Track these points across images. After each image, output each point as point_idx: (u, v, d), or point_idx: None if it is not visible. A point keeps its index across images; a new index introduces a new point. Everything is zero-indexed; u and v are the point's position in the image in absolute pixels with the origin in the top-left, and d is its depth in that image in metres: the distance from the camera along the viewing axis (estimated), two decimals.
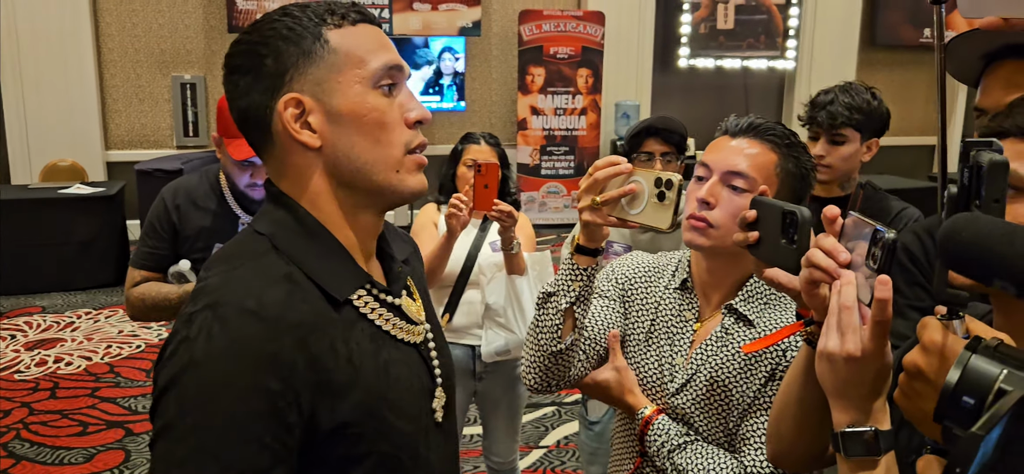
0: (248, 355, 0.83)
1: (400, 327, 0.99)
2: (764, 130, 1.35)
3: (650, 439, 1.37)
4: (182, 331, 0.86)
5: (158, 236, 2.11)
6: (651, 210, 1.23)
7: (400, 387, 0.96)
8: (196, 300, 0.87)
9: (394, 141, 0.95)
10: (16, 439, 3.63)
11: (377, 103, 0.94)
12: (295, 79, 0.92)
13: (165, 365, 0.86)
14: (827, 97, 2.17)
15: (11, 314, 5.34)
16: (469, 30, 7.55)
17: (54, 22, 6.76)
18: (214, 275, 0.90)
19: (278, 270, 0.90)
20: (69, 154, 6.85)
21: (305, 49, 0.92)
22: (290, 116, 0.92)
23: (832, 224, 0.90)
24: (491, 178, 2.25)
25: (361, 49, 0.93)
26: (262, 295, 0.86)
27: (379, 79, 0.94)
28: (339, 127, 0.93)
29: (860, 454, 0.84)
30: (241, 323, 0.84)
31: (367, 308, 0.96)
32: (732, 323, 1.37)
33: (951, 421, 0.70)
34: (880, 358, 0.82)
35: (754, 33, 8.35)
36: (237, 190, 2.11)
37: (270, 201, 0.98)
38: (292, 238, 0.94)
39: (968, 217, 0.73)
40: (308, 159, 0.94)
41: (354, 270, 0.96)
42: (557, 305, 1.32)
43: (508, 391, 2.59)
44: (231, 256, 0.93)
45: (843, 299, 0.83)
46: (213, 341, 0.83)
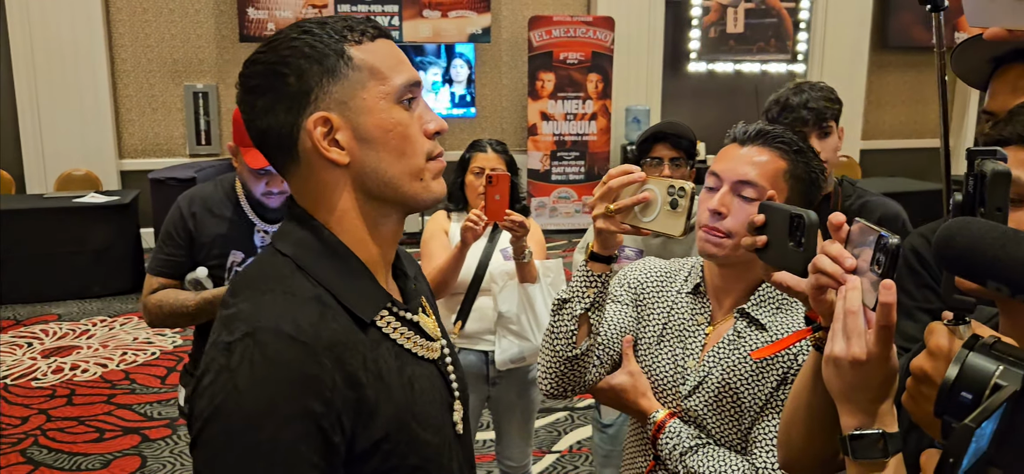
0: (291, 380, 0.84)
1: (420, 344, 1.01)
2: (772, 137, 1.36)
3: (663, 443, 1.38)
4: (220, 359, 0.86)
5: (175, 243, 2.14)
6: (664, 217, 1.25)
7: (424, 401, 0.98)
8: (231, 328, 0.87)
9: (417, 151, 0.97)
10: (34, 445, 3.67)
11: (401, 117, 0.95)
12: (320, 98, 0.92)
13: (204, 395, 0.86)
14: (801, 96, 2.16)
15: (28, 322, 5.39)
16: (479, 36, 7.58)
17: (68, 33, 6.83)
18: (243, 300, 0.90)
19: (306, 292, 0.91)
20: (83, 163, 6.91)
21: (329, 67, 0.92)
22: (319, 135, 0.93)
23: (838, 231, 0.92)
24: (502, 188, 2.26)
25: (383, 65, 0.95)
26: (297, 318, 0.87)
27: (401, 95, 0.95)
28: (366, 143, 0.94)
29: (867, 457, 0.85)
30: (281, 348, 0.85)
31: (389, 328, 0.97)
32: (744, 327, 1.38)
33: (950, 416, 0.72)
34: (885, 362, 0.83)
35: (764, 37, 8.34)
36: (253, 198, 2.13)
37: (292, 220, 0.99)
38: (316, 259, 0.95)
39: (962, 221, 0.76)
40: (335, 176, 0.95)
41: (377, 290, 0.97)
42: (572, 311, 1.34)
43: (521, 396, 2.61)
44: (258, 280, 0.93)
45: (848, 304, 0.84)
46: (255, 368, 0.84)
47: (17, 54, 6.81)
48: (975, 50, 1.40)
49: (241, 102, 0.96)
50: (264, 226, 2.15)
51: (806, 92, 2.18)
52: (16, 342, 5.00)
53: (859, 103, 8.63)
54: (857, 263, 0.88)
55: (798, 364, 1.32)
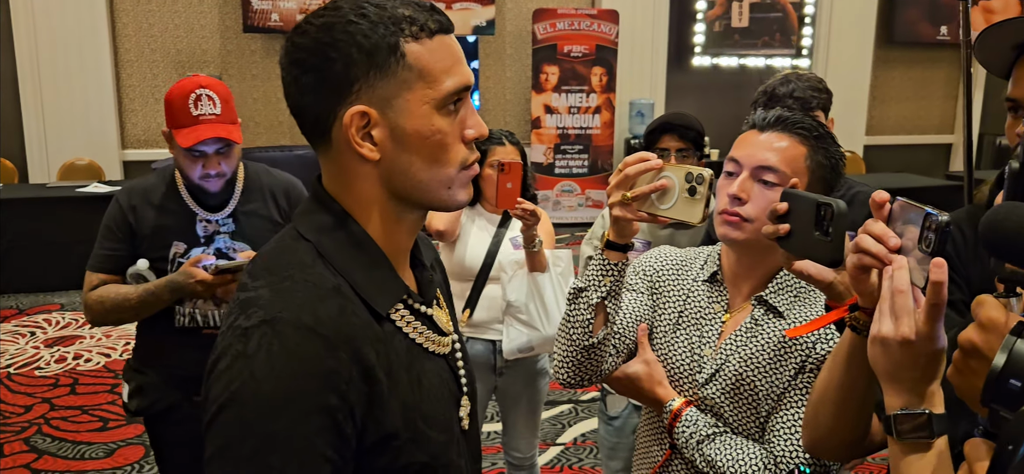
0: (309, 372, 0.83)
1: (431, 339, 1.00)
2: (792, 123, 1.34)
3: (679, 431, 1.37)
4: (237, 345, 0.85)
5: (115, 237, 2.07)
6: (682, 205, 1.23)
7: (432, 398, 0.97)
8: (248, 312, 0.86)
9: (451, 160, 0.94)
10: (37, 434, 3.66)
11: (442, 125, 0.92)
12: (363, 91, 0.89)
13: (219, 379, 0.85)
14: (788, 87, 2.16)
15: (30, 311, 5.38)
16: (483, 29, 7.56)
17: (71, 23, 6.82)
18: (264, 287, 0.89)
19: (327, 283, 0.90)
20: (86, 153, 6.90)
21: (379, 63, 0.89)
22: (355, 128, 0.90)
23: (880, 209, 0.90)
24: (514, 176, 2.26)
25: (435, 68, 0.91)
26: (317, 310, 0.86)
27: (448, 100, 0.92)
28: (400, 144, 0.92)
29: (913, 437, 0.84)
30: (300, 340, 0.84)
31: (403, 322, 0.96)
32: (762, 314, 1.37)
33: (998, 404, 0.71)
34: (934, 341, 0.82)
35: (769, 31, 8.32)
36: (192, 185, 2.04)
37: (315, 201, 0.97)
38: (338, 248, 0.93)
39: (1010, 206, 0.75)
40: (364, 169, 0.93)
41: (395, 282, 0.96)
42: (588, 300, 1.32)
43: (529, 386, 2.60)
44: (279, 266, 0.91)
45: (896, 283, 0.83)
46: (273, 358, 0.83)
47: (20, 44, 6.80)
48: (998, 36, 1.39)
49: (285, 70, 0.93)
50: (206, 214, 2.07)
51: (793, 82, 2.18)
52: (19, 331, 4.99)
53: (863, 98, 8.62)
54: (901, 242, 0.86)
55: (817, 352, 1.31)
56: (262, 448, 0.81)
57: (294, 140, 7.35)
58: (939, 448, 0.84)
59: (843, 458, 1.23)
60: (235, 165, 2.05)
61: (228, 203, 2.09)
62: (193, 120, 1.94)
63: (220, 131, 1.95)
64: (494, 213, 2.57)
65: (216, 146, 1.96)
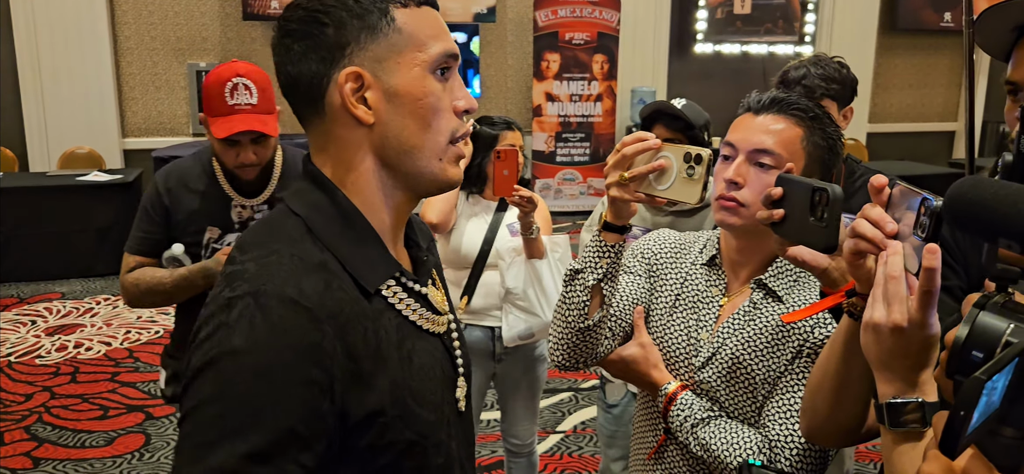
0: (290, 344, 0.83)
1: (426, 317, 0.99)
2: (788, 105, 1.33)
3: (674, 415, 1.36)
4: (220, 316, 0.84)
5: (151, 220, 2.08)
6: (680, 185, 1.22)
7: (423, 376, 0.96)
8: (233, 285, 0.86)
9: (443, 128, 0.95)
10: (38, 422, 3.67)
11: (433, 87, 0.94)
12: (355, 53, 0.91)
13: (200, 347, 0.85)
14: (799, 72, 2.15)
15: (31, 300, 5.39)
16: (484, 16, 7.53)
17: (71, 11, 6.80)
18: (250, 260, 0.88)
19: (314, 258, 0.89)
20: (86, 142, 6.89)
21: (370, 24, 0.91)
22: (349, 90, 0.92)
23: (879, 194, 0.89)
24: (511, 164, 2.26)
25: (423, 32, 0.94)
26: (301, 284, 0.86)
27: (437, 65, 0.94)
28: (394, 106, 0.93)
29: (905, 426, 0.83)
30: (283, 312, 0.83)
31: (395, 298, 0.96)
32: (761, 298, 1.36)
33: (961, 375, 0.71)
34: (926, 328, 0.81)
35: (771, 18, 8.28)
36: (229, 172, 2.06)
37: (307, 179, 0.97)
38: (327, 223, 0.93)
39: (973, 179, 0.74)
40: (357, 135, 0.94)
41: (386, 258, 0.96)
42: (584, 282, 1.31)
43: (528, 372, 2.59)
44: (267, 240, 0.91)
45: (890, 269, 0.82)
46: (255, 329, 0.82)
47: (20, 32, 6.78)
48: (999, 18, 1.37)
49: (277, 45, 0.95)
50: (241, 200, 2.08)
51: (806, 67, 2.17)
52: (20, 320, 5.00)
53: (866, 86, 8.58)
54: (898, 227, 0.85)
55: (815, 337, 1.30)
56: (232, 411, 0.81)
57: (294, 128, 7.33)
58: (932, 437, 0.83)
59: (841, 445, 1.22)
60: (270, 154, 2.05)
61: (264, 189, 2.10)
62: (229, 110, 1.94)
63: (255, 123, 1.95)
64: (491, 200, 2.56)
65: (251, 137, 1.96)
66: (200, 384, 0.83)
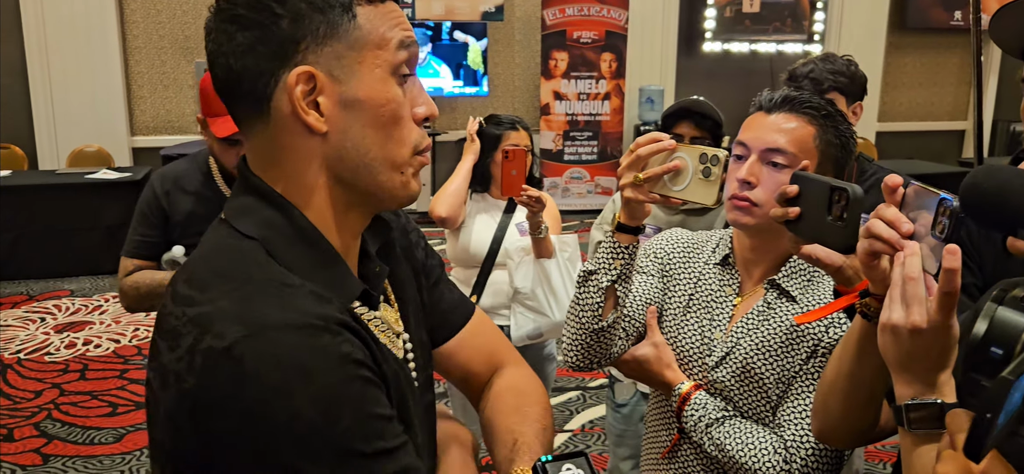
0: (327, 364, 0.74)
1: (389, 337, 0.91)
2: (800, 103, 1.32)
3: (688, 415, 1.35)
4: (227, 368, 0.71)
5: (149, 223, 2.07)
6: (696, 186, 1.21)
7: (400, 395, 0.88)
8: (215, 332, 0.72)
9: (404, 139, 0.85)
10: (48, 419, 3.68)
11: (395, 94, 0.83)
12: (311, 50, 0.80)
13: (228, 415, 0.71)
14: (806, 67, 2.15)
15: (40, 297, 5.40)
16: (492, 15, 7.52)
17: (80, 10, 6.82)
18: (221, 298, 0.75)
19: (290, 280, 0.79)
20: (95, 140, 6.91)
21: (331, 20, 0.80)
22: (300, 93, 0.80)
23: (893, 194, 0.88)
24: (519, 163, 2.26)
25: (383, 26, 0.83)
26: (299, 306, 0.76)
27: (398, 65, 0.84)
28: (351, 114, 0.82)
29: (924, 428, 0.82)
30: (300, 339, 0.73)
31: (367, 318, 0.87)
32: (774, 298, 1.35)
33: (979, 373, 0.69)
34: (946, 330, 0.80)
35: (780, 17, 8.25)
36: (226, 172, 2.05)
37: (252, 194, 0.84)
38: (288, 246, 0.82)
39: (988, 168, 0.73)
40: (308, 145, 0.82)
41: (350, 279, 0.86)
42: (598, 283, 1.30)
43: (536, 371, 2.55)
44: (229, 271, 0.79)
45: (908, 270, 0.81)
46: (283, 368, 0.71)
47: (29, 30, 6.80)
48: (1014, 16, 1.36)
49: (215, 30, 0.82)
50: None
51: (813, 63, 2.17)
52: (29, 317, 5.02)
53: (876, 85, 8.54)
54: (914, 227, 0.84)
55: (829, 337, 1.29)
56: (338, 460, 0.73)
57: None
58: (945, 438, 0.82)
59: (854, 445, 1.22)
60: None
61: None
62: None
63: None
64: (500, 199, 2.56)
65: None
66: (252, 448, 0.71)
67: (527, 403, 1.03)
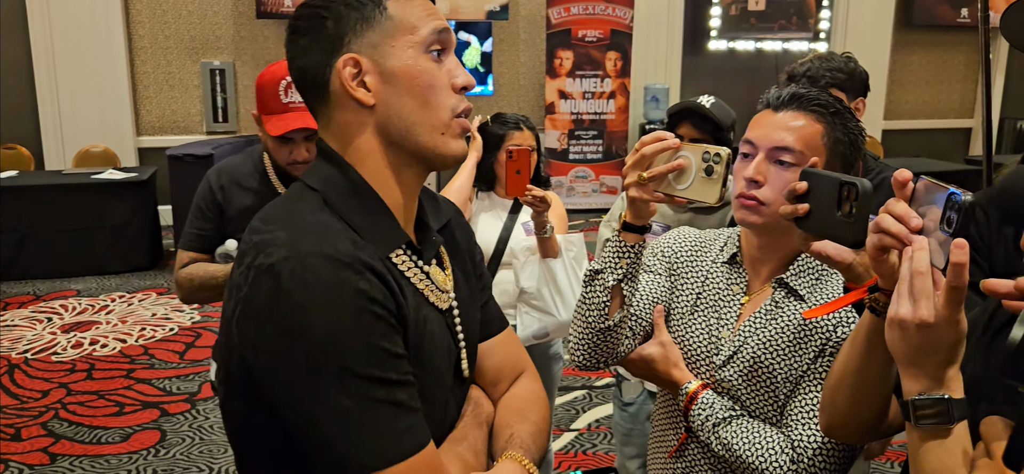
0: (347, 295, 0.88)
1: (432, 290, 1.05)
2: (808, 100, 1.31)
3: (695, 414, 1.35)
4: (267, 282, 0.88)
5: (204, 217, 2.12)
6: (699, 185, 1.21)
7: (433, 342, 1.02)
8: (267, 251, 0.90)
9: (442, 104, 1.00)
10: (55, 419, 3.69)
11: (427, 66, 0.99)
12: (353, 41, 0.98)
13: (259, 320, 0.89)
14: (804, 67, 2.14)
15: (47, 297, 5.42)
16: (497, 14, 7.52)
17: (85, 10, 6.83)
18: (278, 229, 0.93)
19: (336, 224, 0.96)
20: (101, 140, 6.93)
21: (365, 15, 0.98)
22: (348, 74, 0.98)
23: (903, 188, 0.88)
24: (523, 163, 2.25)
25: (414, 17, 1.00)
26: (335, 244, 0.91)
27: (429, 45, 1.00)
28: (392, 87, 0.99)
29: (932, 423, 0.82)
30: (329, 267, 0.89)
31: (404, 266, 1.01)
32: (782, 297, 1.34)
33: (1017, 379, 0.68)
34: (954, 325, 0.80)
35: (786, 14, 8.22)
36: (280, 169, 2.09)
37: (321, 157, 1.04)
38: (341, 196, 0.99)
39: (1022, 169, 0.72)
40: (361, 117, 1.00)
41: (397, 229, 1.02)
42: (604, 282, 1.30)
43: (543, 371, 2.58)
44: (288, 212, 0.98)
45: (916, 264, 0.81)
46: (310, 288, 0.87)
47: (35, 31, 6.82)
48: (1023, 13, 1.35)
49: (288, 42, 1.02)
50: None
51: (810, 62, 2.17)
52: (36, 317, 5.03)
53: (882, 82, 8.51)
54: (923, 222, 0.84)
55: (838, 335, 1.28)
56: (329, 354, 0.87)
57: None
58: (959, 434, 0.82)
59: (861, 441, 1.21)
60: None
61: None
62: (283, 108, 1.97)
63: (309, 121, 1.97)
64: (506, 199, 2.55)
65: (305, 134, 1.98)
66: (277, 352, 0.88)
67: (529, 409, 1.18)
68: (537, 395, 1.22)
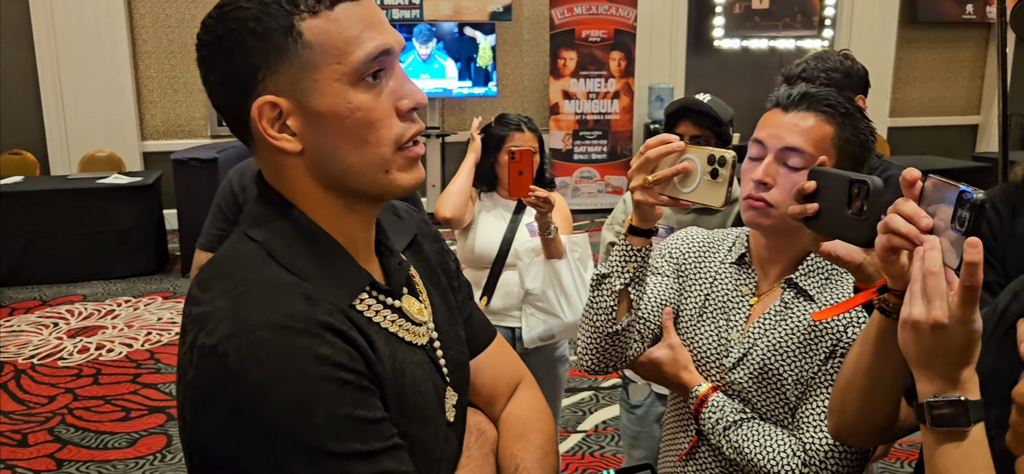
0: (305, 366, 0.77)
1: (406, 328, 0.92)
2: (818, 100, 1.29)
3: (705, 417, 1.33)
4: (213, 366, 0.76)
5: (225, 218, 2.10)
6: (704, 188, 1.20)
7: (416, 390, 0.90)
8: (209, 328, 0.78)
9: (383, 139, 0.84)
10: (61, 424, 3.69)
11: (361, 101, 0.82)
12: (268, 79, 0.81)
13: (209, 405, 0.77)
14: (799, 67, 2.12)
15: (53, 302, 5.42)
16: (500, 15, 7.50)
17: (89, 15, 6.85)
18: (218, 297, 0.80)
19: (284, 279, 0.82)
20: (106, 145, 6.95)
21: (275, 45, 0.80)
22: (266, 122, 0.82)
23: (911, 188, 0.86)
24: (526, 164, 2.25)
25: (340, 39, 0.81)
26: (284, 307, 0.79)
27: (363, 72, 0.82)
28: (319, 129, 0.83)
29: (947, 425, 0.81)
30: (280, 338, 0.77)
31: (371, 311, 0.88)
32: (792, 298, 1.33)
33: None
34: (968, 325, 0.78)
35: (790, 12, 8.19)
36: None
37: (261, 201, 0.89)
38: (288, 245, 0.85)
39: None
40: (291, 161, 0.85)
41: (356, 272, 0.88)
42: (611, 286, 1.29)
43: (549, 373, 2.57)
44: (228, 273, 0.83)
45: (928, 264, 0.80)
46: (263, 366, 0.76)
47: (39, 37, 6.84)
48: None
49: (199, 64, 0.86)
50: None
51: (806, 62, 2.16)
52: (42, 322, 5.04)
53: (887, 79, 8.48)
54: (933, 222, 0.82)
55: (848, 336, 1.27)
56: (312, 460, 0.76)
57: None
58: (975, 436, 0.81)
59: (870, 444, 1.20)
60: None
61: None
62: None
63: None
64: (509, 200, 2.54)
65: None
66: (237, 442, 0.77)
67: (530, 430, 1.07)
68: (538, 409, 1.10)
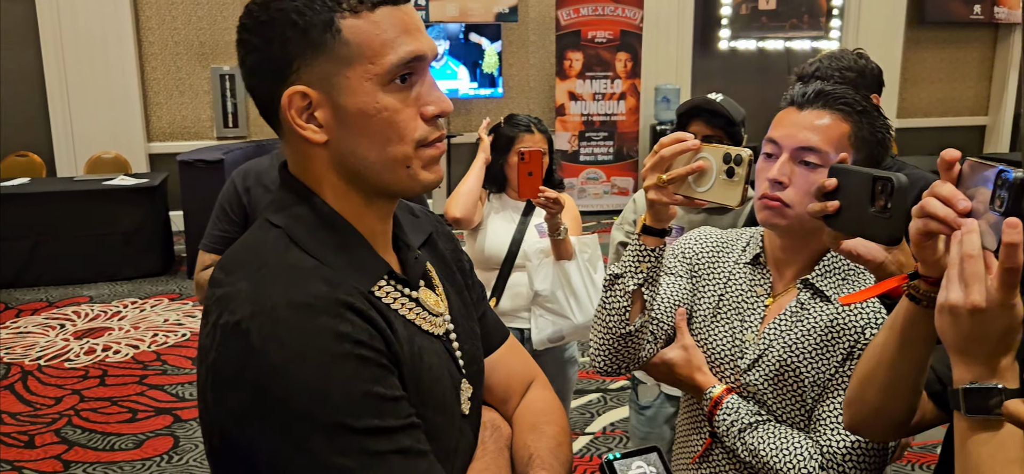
0: (326, 343, 0.79)
1: (424, 317, 0.95)
2: (834, 98, 1.27)
3: (720, 419, 1.31)
4: (236, 343, 0.79)
5: (229, 219, 2.09)
6: (719, 187, 1.18)
7: (433, 377, 0.92)
8: (231, 308, 0.81)
9: (404, 138, 0.87)
10: (68, 425, 3.68)
11: (388, 102, 0.86)
12: (302, 70, 0.85)
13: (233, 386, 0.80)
14: (813, 66, 2.10)
15: (60, 304, 5.42)
16: (506, 16, 7.49)
17: (95, 17, 6.85)
18: (240, 279, 0.84)
19: (305, 263, 0.85)
20: (112, 147, 6.94)
21: (313, 40, 0.84)
22: (295, 111, 0.86)
23: (949, 170, 0.84)
24: (535, 165, 2.24)
25: (376, 40, 0.85)
26: (305, 288, 0.82)
27: (394, 74, 0.86)
28: (345, 124, 0.86)
29: (983, 413, 0.79)
30: (301, 317, 0.80)
31: (389, 298, 0.91)
32: (808, 298, 1.31)
33: None
34: (1009, 309, 0.76)
35: (797, 13, 8.16)
36: None
37: (285, 188, 0.93)
38: (310, 232, 0.89)
39: None
40: (315, 151, 0.89)
41: (375, 260, 0.91)
42: (624, 287, 1.27)
43: (558, 374, 2.55)
44: (250, 257, 0.87)
45: (966, 248, 0.78)
46: (285, 345, 0.78)
47: (46, 39, 6.84)
48: None
49: (237, 48, 0.90)
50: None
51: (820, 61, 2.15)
52: (49, 324, 5.04)
53: (894, 80, 8.44)
54: (972, 204, 0.80)
55: (866, 338, 1.25)
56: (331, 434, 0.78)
57: None
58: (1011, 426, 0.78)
59: (888, 439, 1.17)
60: None
61: None
62: None
63: None
64: (519, 201, 2.53)
65: None
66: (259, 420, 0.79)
67: (544, 422, 1.08)
68: (551, 404, 1.13)
